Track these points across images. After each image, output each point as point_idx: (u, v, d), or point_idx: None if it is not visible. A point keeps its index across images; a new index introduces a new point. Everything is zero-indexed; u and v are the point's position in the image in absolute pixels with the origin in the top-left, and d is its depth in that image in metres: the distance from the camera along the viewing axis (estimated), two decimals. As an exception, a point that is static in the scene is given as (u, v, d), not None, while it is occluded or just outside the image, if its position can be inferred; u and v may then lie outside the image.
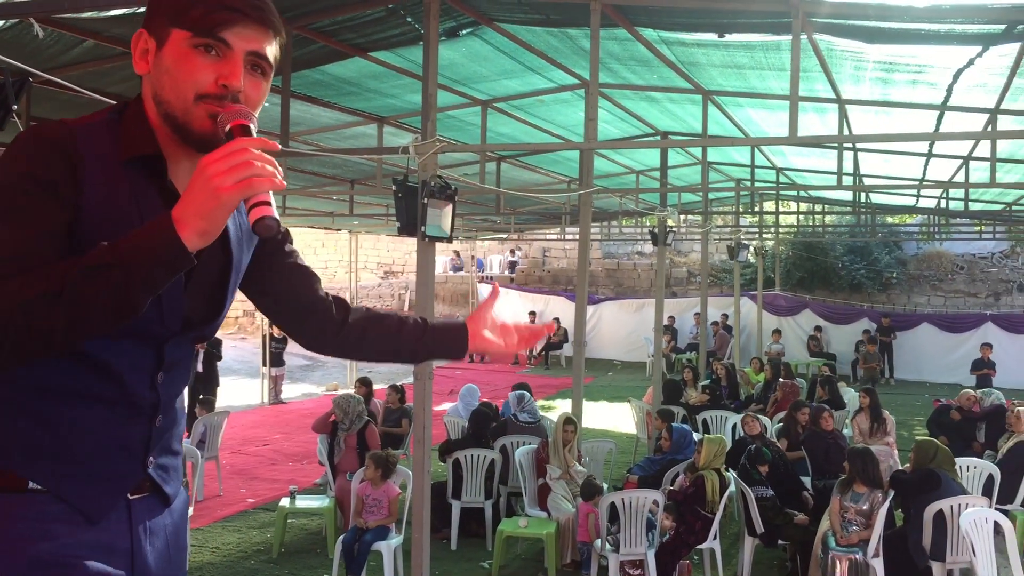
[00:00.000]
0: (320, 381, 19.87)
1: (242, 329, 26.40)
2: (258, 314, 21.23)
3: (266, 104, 6.06)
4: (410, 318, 1.90)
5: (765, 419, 9.51)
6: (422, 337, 1.87)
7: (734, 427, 9.96)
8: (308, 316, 1.83)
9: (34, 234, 1.34)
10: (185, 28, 1.43)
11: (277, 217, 1.33)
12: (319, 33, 6.74)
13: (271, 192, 1.31)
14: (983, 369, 17.40)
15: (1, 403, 1.45)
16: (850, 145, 10.58)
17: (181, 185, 1.49)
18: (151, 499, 1.61)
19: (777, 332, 20.53)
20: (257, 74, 1.48)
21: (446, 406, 14.10)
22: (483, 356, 22.56)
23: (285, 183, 1.34)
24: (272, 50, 1.50)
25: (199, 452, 8.66)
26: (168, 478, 1.64)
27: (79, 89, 5.42)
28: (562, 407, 14.22)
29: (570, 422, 7.67)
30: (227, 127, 1.39)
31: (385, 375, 18.75)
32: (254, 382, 17.53)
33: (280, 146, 1.42)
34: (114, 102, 5.00)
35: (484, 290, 24.70)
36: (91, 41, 6.35)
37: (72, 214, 1.38)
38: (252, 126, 1.40)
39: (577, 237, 21.56)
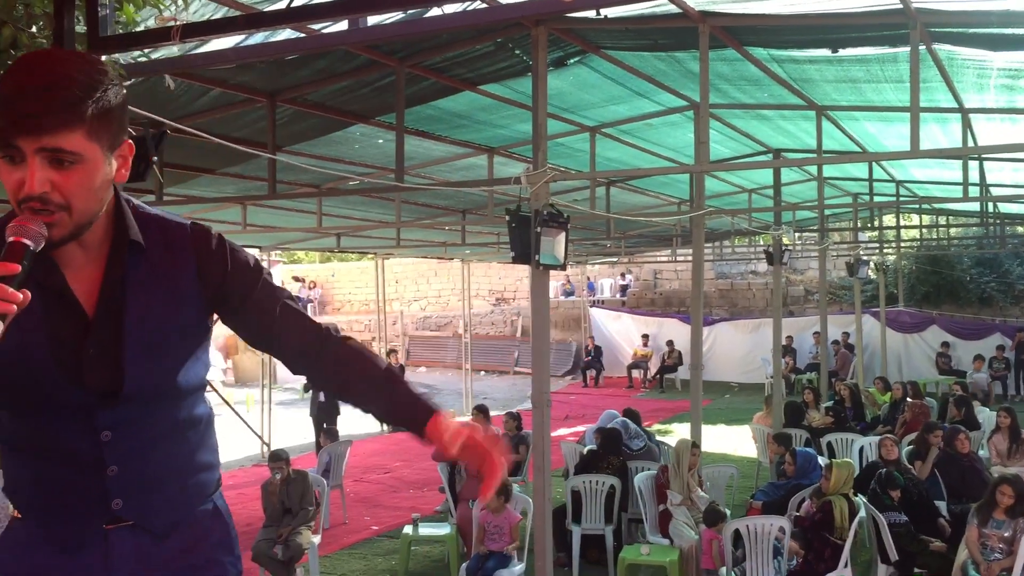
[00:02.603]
0: (437, 408, 20.11)
1: (360, 358, 27.02)
2: (376, 343, 21.75)
3: (380, 140, 6.23)
4: (378, 373, 1.81)
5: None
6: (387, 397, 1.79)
7: (861, 450, 9.63)
8: (281, 352, 1.84)
9: None
10: None
11: None
12: (430, 70, 6.91)
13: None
14: None
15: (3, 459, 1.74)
16: (976, 155, 10.17)
17: (68, 270, 1.63)
18: (134, 530, 1.72)
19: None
20: (66, 166, 1.47)
21: (562, 431, 14.11)
22: (597, 379, 22.63)
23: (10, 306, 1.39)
24: (71, 138, 1.46)
25: (325, 481, 8.90)
26: (154, 514, 1.74)
27: (207, 136, 5.71)
28: (679, 431, 14.02)
29: (696, 447, 7.57)
30: (9, 239, 1.44)
31: (501, 402, 18.88)
32: (373, 410, 17.86)
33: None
34: (239, 147, 5.22)
35: (597, 315, 24.63)
36: (217, 90, 6.69)
37: None
38: (28, 242, 1.44)
39: (689, 258, 21.39)
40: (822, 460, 8.36)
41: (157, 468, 1.75)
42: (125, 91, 1.59)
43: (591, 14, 5.77)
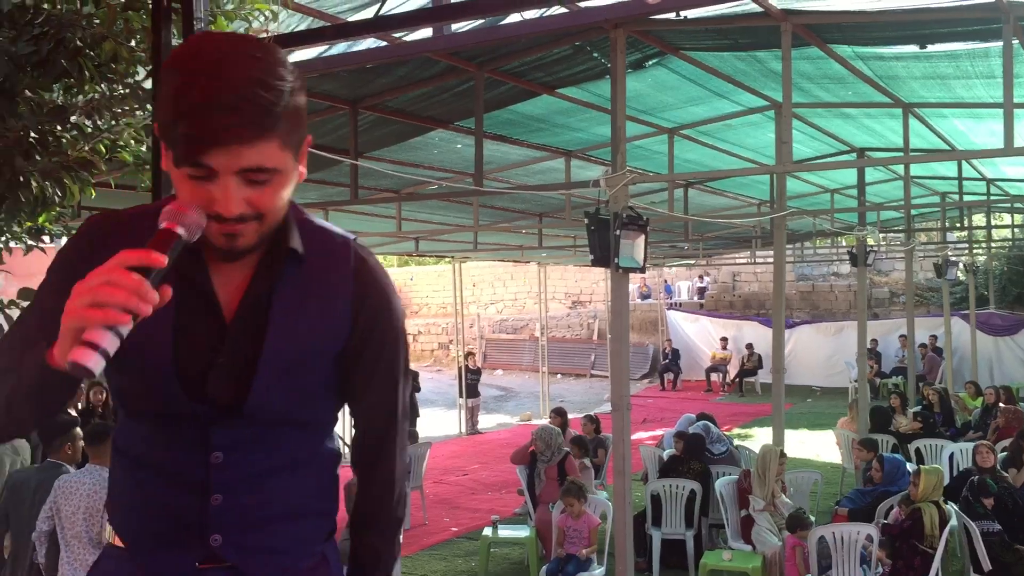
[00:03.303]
0: (514, 411, 20.21)
1: (437, 361, 27.31)
2: (453, 346, 21.94)
3: (459, 145, 6.33)
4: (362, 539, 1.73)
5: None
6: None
7: (951, 456, 9.35)
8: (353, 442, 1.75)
9: (35, 317, 1.47)
10: (170, 149, 1.33)
11: (91, 368, 1.19)
12: (508, 75, 6.96)
13: (110, 331, 1.19)
14: None
15: (111, 468, 1.64)
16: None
17: (212, 267, 1.49)
18: (228, 573, 1.54)
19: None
20: (262, 183, 1.34)
21: (640, 435, 14.02)
22: (675, 382, 22.39)
23: (131, 317, 1.20)
24: (268, 152, 1.32)
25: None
26: (254, 560, 1.55)
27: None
28: (759, 435, 13.81)
29: (783, 454, 7.46)
30: (161, 225, 1.31)
31: (578, 404, 18.86)
32: (451, 413, 18.04)
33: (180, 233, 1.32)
34: (323, 153, 5.34)
35: (674, 317, 24.42)
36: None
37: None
38: (182, 232, 1.30)
39: (768, 260, 21.05)
40: (910, 466, 8.15)
41: (266, 505, 1.55)
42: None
43: (670, 16, 5.74)
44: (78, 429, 5.32)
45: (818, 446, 13.89)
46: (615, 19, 5.53)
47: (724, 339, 22.81)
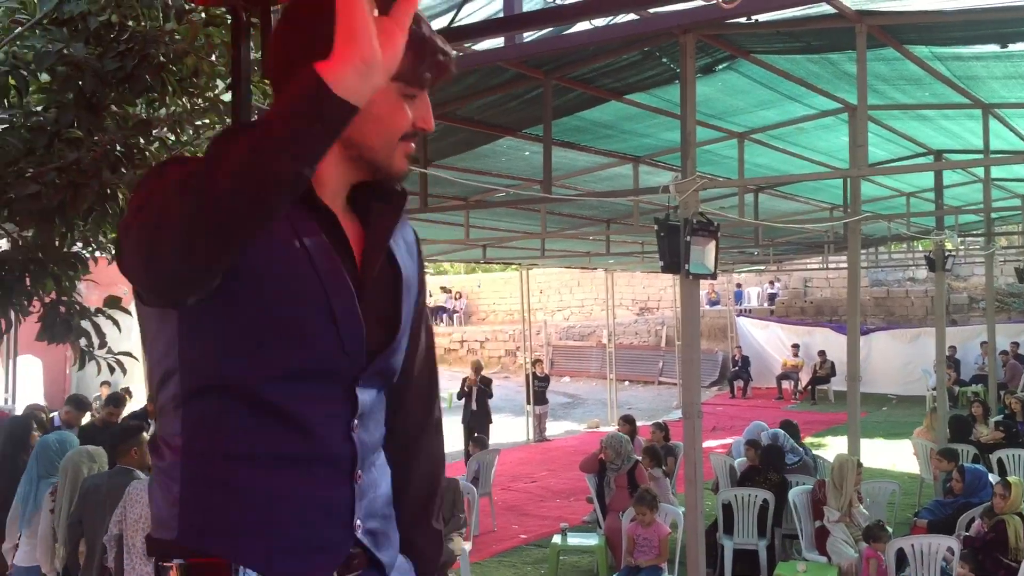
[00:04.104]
0: (581, 418, 20.15)
1: (505, 368, 27.36)
2: (520, 353, 21.95)
3: (527, 152, 6.36)
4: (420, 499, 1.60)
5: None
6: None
7: (1036, 468, 9.04)
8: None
9: None
10: (401, 80, 1.36)
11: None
12: (577, 82, 6.96)
13: None
14: None
15: (193, 479, 1.30)
16: None
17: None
18: (372, 570, 1.41)
19: None
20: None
21: (710, 443, 13.84)
22: (745, 390, 22.07)
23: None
24: None
25: (474, 488, 9.04)
26: (381, 544, 1.43)
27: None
28: (833, 444, 13.53)
29: (859, 464, 7.31)
30: None
31: (645, 412, 18.72)
32: (519, 420, 18.07)
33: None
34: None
35: (743, 324, 24.09)
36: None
37: None
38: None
39: (841, 266, 20.64)
40: (992, 477, 7.91)
41: (377, 482, 1.45)
42: None
43: (741, 19, 5.69)
44: (145, 434, 5.43)
45: (894, 456, 13.55)
46: (685, 24, 5.49)
47: (795, 346, 22.42)
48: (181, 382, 1.30)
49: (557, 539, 7.83)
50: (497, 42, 4.39)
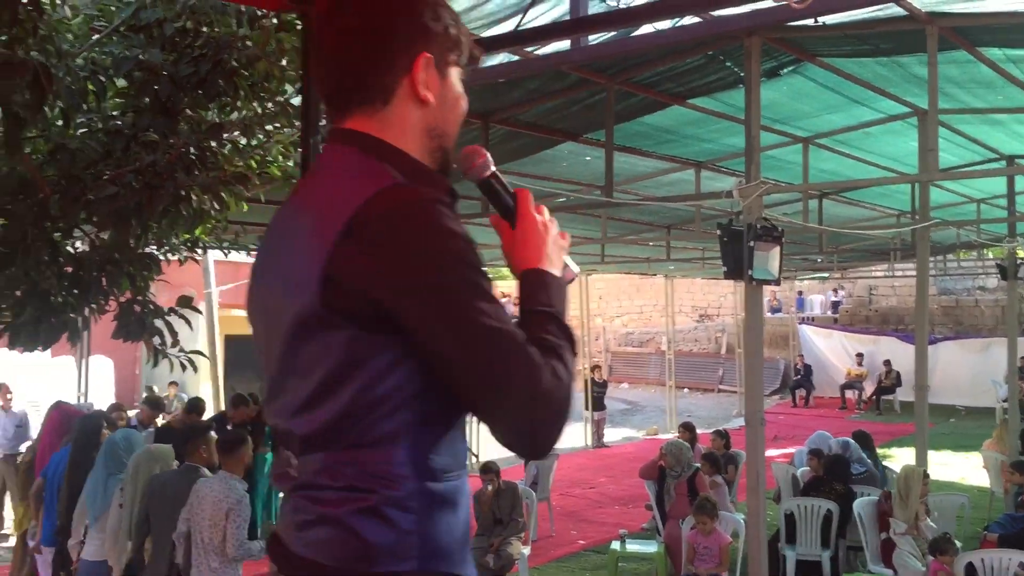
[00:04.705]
0: (640, 425, 20.02)
1: (562, 374, 27.26)
2: (578, 358, 21.85)
3: (588, 157, 6.36)
4: None
5: None
6: None
7: (1114, 483, 8.71)
8: None
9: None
10: (461, 64, 1.42)
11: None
12: (639, 86, 6.93)
13: None
14: None
15: (429, 506, 1.30)
16: None
17: None
18: None
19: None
20: None
21: (771, 452, 13.64)
22: (807, 399, 21.68)
23: None
24: None
25: (533, 493, 9.04)
26: None
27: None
28: (900, 456, 13.23)
29: (926, 475, 7.14)
30: (488, 171, 1.46)
31: (705, 419, 18.52)
32: (577, 425, 18.01)
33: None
34: (455, 165, 5.44)
35: (806, 332, 23.71)
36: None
37: None
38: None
39: (908, 274, 20.17)
40: (1068, 492, 7.66)
41: None
42: None
43: (807, 21, 5.61)
44: (212, 433, 5.54)
45: (963, 469, 13.22)
46: (750, 27, 5.44)
47: (860, 355, 22.00)
48: (412, 413, 1.27)
49: (616, 545, 7.79)
50: (560, 46, 4.40)
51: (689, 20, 4.89)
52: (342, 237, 1.22)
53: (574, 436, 17.42)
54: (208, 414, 9.48)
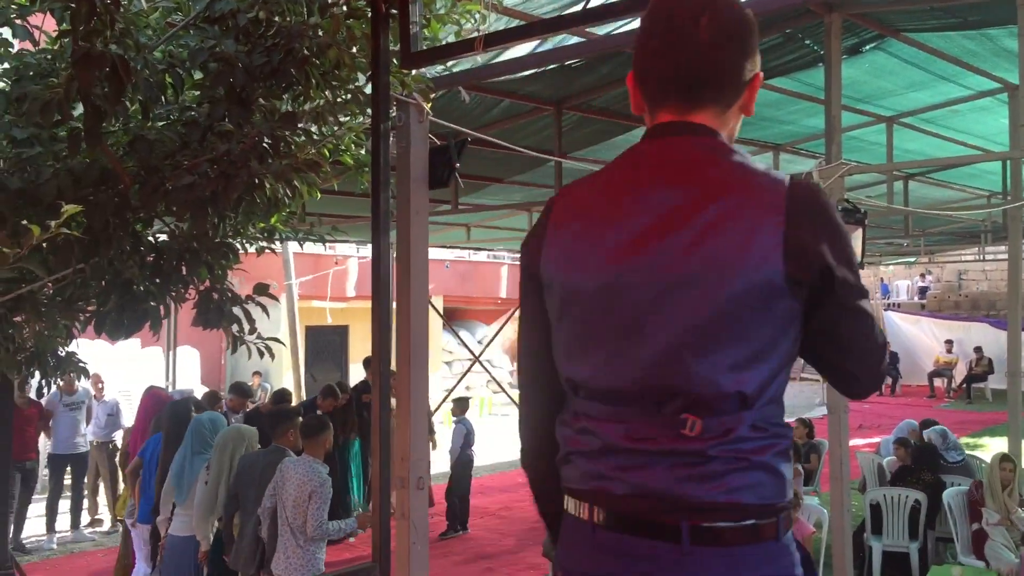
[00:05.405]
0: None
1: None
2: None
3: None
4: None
5: None
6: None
7: None
8: None
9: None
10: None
11: None
12: (716, 68, 6.79)
13: None
14: None
15: (787, 451, 1.51)
16: None
17: None
18: None
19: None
20: None
21: (856, 441, 13.32)
22: (893, 387, 21.10)
23: None
24: None
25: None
26: None
27: (503, 144, 5.97)
28: (991, 445, 12.81)
29: (1007, 459, 6.87)
30: None
31: (788, 408, 18.14)
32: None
33: None
34: (531, 152, 5.38)
35: (892, 319, 23.08)
36: (507, 101, 6.99)
37: None
38: None
39: (1000, 257, 19.44)
40: None
41: None
42: None
43: (890, -5, 5.42)
44: (300, 418, 5.70)
45: (1060, 459, 12.70)
46: (830, 2, 5.28)
47: (949, 342, 21.33)
48: (786, 374, 1.45)
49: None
50: (633, 27, 4.33)
51: (765, -4, 4.76)
52: (791, 217, 1.35)
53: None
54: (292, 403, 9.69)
